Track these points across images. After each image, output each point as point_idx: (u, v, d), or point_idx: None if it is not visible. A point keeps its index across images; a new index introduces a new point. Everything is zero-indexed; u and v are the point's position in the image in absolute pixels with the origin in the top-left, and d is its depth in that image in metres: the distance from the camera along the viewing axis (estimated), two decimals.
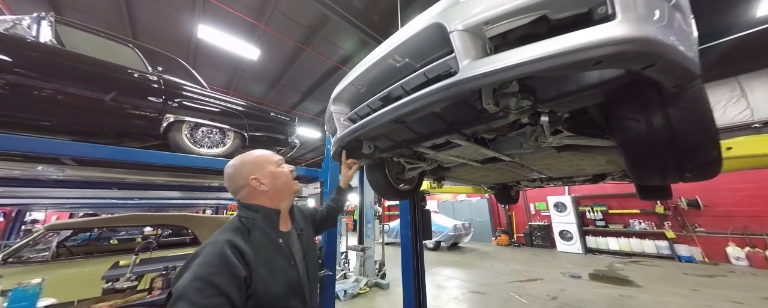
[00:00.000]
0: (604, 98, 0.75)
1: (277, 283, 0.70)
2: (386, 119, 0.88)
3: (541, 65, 0.55)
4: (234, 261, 0.64)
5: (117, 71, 1.95)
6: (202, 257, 0.64)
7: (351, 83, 1.02)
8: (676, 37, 0.54)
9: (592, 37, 0.51)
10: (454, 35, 0.66)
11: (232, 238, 0.69)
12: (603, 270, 5.48)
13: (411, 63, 0.86)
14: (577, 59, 0.52)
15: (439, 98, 0.70)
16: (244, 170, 0.82)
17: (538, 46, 0.56)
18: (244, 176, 0.81)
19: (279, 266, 0.74)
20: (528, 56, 0.56)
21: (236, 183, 0.82)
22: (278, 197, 0.85)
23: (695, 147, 0.66)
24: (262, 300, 0.66)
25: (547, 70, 0.56)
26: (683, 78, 0.58)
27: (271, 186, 0.83)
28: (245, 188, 0.82)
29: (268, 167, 0.85)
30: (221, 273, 0.61)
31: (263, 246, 0.73)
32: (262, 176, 0.82)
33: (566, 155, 1.39)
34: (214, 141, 2.43)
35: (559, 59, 0.53)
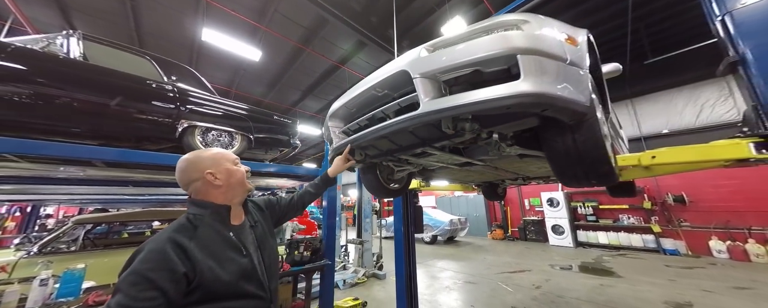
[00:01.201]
0: (538, 123, 0.99)
1: (227, 272, 0.75)
2: (372, 136, 1.12)
3: (473, 107, 0.79)
4: (172, 257, 0.67)
5: (137, 82, 2.18)
6: (143, 254, 0.67)
7: (344, 105, 1.25)
8: (566, 88, 0.77)
9: (502, 91, 0.74)
10: (416, 80, 0.89)
11: (174, 236, 0.72)
12: (590, 263, 5.77)
13: (389, 93, 1.09)
14: (495, 105, 0.75)
15: (408, 124, 0.93)
16: (200, 164, 0.85)
17: (471, 94, 0.79)
18: (199, 170, 0.84)
19: (228, 257, 0.78)
20: (465, 101, 0.80)
21: (190, 176, 0.84)
22: (231, 193, 0.88)
23: (593, 162, 0.90)
24: (212, 288, 0.72)
25: (478, 111, 0.79)
26: (573, 116, 0.81)
27: (226, 182, 0.86)
28: (198, 181, 0.84)
29: (224, 164, 0.88)
30: (157, 268, 0.65)
31: (211, 240, 0.77)
32: (218, 172, 0.85)
33: (530, 160, 1.63)
34: (224, 143, 2.67)
35: (483, 104, 0.77)
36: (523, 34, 0.78)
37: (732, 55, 1.19)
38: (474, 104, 0.77)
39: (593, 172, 0.92)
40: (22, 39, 1.92)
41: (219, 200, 0.86)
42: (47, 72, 1.84)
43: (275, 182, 4.15)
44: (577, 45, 0.87)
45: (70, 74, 1.93)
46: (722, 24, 1.23)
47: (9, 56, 1.71)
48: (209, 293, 0.72)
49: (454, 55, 0.83)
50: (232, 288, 0.76)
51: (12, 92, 1.67)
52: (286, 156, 3.60)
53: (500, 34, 0.79)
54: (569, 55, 0.81)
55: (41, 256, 2.40)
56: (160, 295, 0.63)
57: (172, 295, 0.65)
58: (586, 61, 0.87)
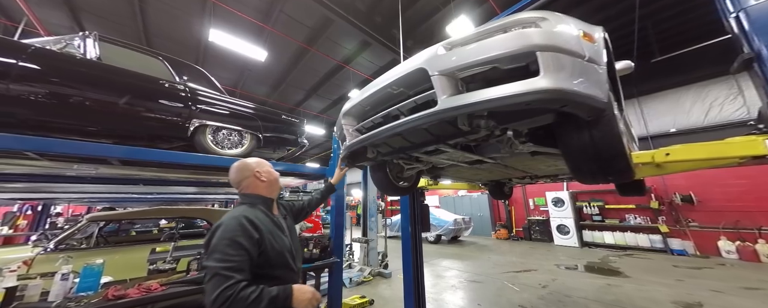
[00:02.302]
0: (553, 121, 1.00)
1: (278, 244, 1.01)
2: (387, 134, 1.14)
3: (493, 104, 0.80)
4: (248, 227, 0.93)
5: (151, 82, 2.22)
6: (225, 225, 0.92)
7: (358, 103, 1.27)
8: (584, 84, 0.78)
9: (522, 87, 0.76)
10: (434, 78, 0.91)
11: (245, 213, 0.99)
12: (596, 262, 5.73)
13: (405, 91, 1.11)
14: (514, 102, 0.77)
15: (425, 121, 0.95)
16: (249, 165, 1.16)
17: (490, 91, 0.80)
18: (249, 169, 1.14)
19: (277, 234, 1.04)
20: (484, 97, 0.81)
21: (243, 174, 1.13)
22: (271, 189, 1.17)
23: (610, 159, 0.91)
24: (269, 255, 0.97)
25: (496, 107, 0.81)
26: (592, 112, 0.82)
27: (268, 179, 1.16)
28: (248, 178, 1.12)
29: (265, 166, 1.19)
30: (241, 234, 0.90)
31: (264, 220, 1.03)
32: (263, 172, 1.16)
33: (541, 158, 1.64)
34: (233, 142, 2.71)
35: (503, 101, 0.78)
36: (541, 31, 0.79)
37: (747, 52, 1.18)
38: (494, 100, 0.78)
39: (610, 168, 0.93)
40: (41, 40, 1.97)
41: (264, 193, 1.15)
42: (65, 72, 1.88)
43: (282, 181, 4.19)
44: (594, 42, 0.88)
45: (87, 75, 1.97)
46: (737, 21, 1.23)
47: (29, 57, 1.76)
48: (268, 258, 0.96)
49: (472, 53, 0.85)
50: (281, 259, 1.01)
51: (32, 91, 1.72)
52: (293, 155, 3.64)
53: (519, 31, 0.81)
54: (587, 52, 0.82)
55: (58, 252, 2.45)
56: (245, 253, 0.88)
57: (253, 254, 0.91)
58: (603, 58, 0.88)
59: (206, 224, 3.62)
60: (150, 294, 1.55)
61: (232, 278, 0.82)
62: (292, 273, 1.05)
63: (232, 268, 0.84)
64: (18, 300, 1.43)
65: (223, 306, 0.78)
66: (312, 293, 0.96)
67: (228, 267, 0.83)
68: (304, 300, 0.92)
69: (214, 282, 0.81)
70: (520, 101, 0.76)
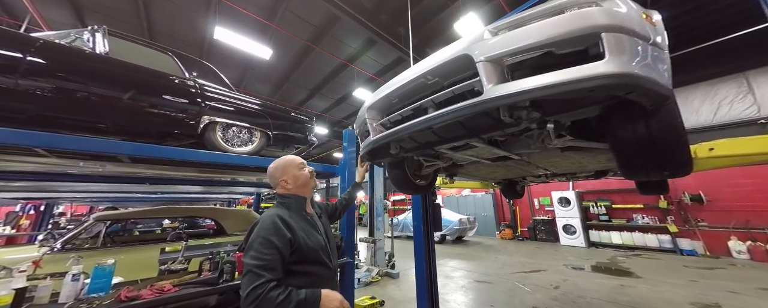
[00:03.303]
0: (599, 112, 0.93)
1: (312, 241, 1.03)
2: (420, 127, 1.07)
3: (549, 91, 0.74)
4: (281, 226, 0.96)
5: (161, 78, 2.16)
6: (261, 224, 0.97)
7: (387, 95, 1.21)
8: (651, 69, 0.72)
9: (586, 72, 0.69)
10: (479, 64, 0.84)
11: (279, 212, 1.02)
12: (605, 263, 5.66)
13: (440, 81, 1.04)
14: (575, 88, 0.70)
15: (467, 112, 0.89)
16: (276, 172, 1.18)
17: (546, 77, 0.74)
18: (276, 177, 1.17)
19: (310, 232, 1.06)
20: (538, 84, 0.75)
21: (275, 181, 1.18)
22: (303, 189, 1.18)
23: (670, 151, 0.84)
24: (303, 252, 0.98)
25: (553, 95, 0.74)
26: (657, 99, 0.76)
27: (294, 185, 1.16)
28: (279, 185, 1.16)
29: (291, 171, 1.17)
30: (274, 233, 0.93)
31: (299, 219, 1.07)
32: (288, 178, 1.16)
33: (569, 154, 1.57)
34: (243, 140, 2.65)
35: (562, 87, 0.72)
36: (605, 10, 0.73)
37: None
38: (553, 86, 0.72)
39: (669, 161, 0.86)
40: (49, 34, 1.91)
41: (296, 192, 1.16)
42: (74, 67, 1.82)
43: None
44: (654, 24, 0.81)
45: (96, 69, 1.91)
46: None
47: (37, 51, 1.70)
48: (302, 256, 0.97)
49: (524, 36, 0.79)
50: (316, 255, 1.02)
51: (40, 86, 1.66)
52: (302, 153, 3.58)
53: (580, 11, 0.74)
54: (651, 35, 0.76)
55: (65, 252, 2.39)
56: (277, 252, 0.90)
57: (284, 253, 0.92)
58: (666, 42, 0.81)
59: (210, 224, 3.57)
60: (164, 295, 1.49)
61: (263, 277, 0.84)
62: (327, 270, 1.06)
63: (264, 266, 0.86)
64: (28, 301, 1.37)
65: (254, 303, 0.82)
66: (340, 301, 0.95)
67: (260, 266, 0.86)
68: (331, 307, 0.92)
69: (247, 279, 0.85)
70: (583, 88, 0.70)
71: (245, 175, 3.25)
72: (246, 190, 5.67)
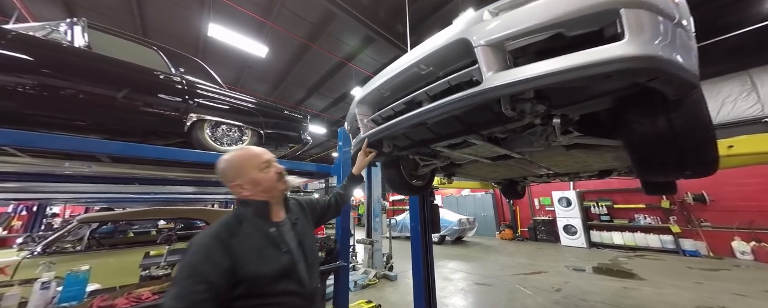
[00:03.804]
0: (612, 104, 0.83)
1: (268, 266, 0.76)
2: (412, 122, 0.97)
3: (558, 78, 0.64)
4: (216, 252, 0.71)
5: (145, 73, 2.06)
6: (194, 247, 0.73)
7: (377, 88, 1.11)
8: (677, 52, 0.62)
9: (603, 54, 0.59)
10: (478, 50, 0.74)
11: (219, 231, 0.76)
12: (607, 264, 5.56)
13: (434, 71, 0.94)
14: (590, 74, 0.60)
15: (464, 104, 0.79)
16: (228, 172, 0.86)
17: (555, 61, 0.64)
18: (229, 179, 0.86)
19: (269, 253, 0.79)
20: (546, 70, 0.65)
21: (227, 184, 0.88)
22: (267, 192, 0.88)
23: (695, 148, 0.74)
24: (253, 283, 0.73)
25: (562, 83, 0.64)
26: (683, 88, 0.66)
27: (253, 191, 0.86)
28: (233, 188, 0.86)
29: (249, 173, 0.86)
30: (204, 261, 0.69)
31: (253, 236, 0.80)
32: (244, 183, 0.85)
33: (574, 153, 1.47)
34: (233, 139, 2.54)
35: (574, 73, 0.61)
36: None
37: None
38: (564, 72, 0.62)
39: (693, 160, 0.76)
40: (23, 26, 1.81)
41: (257, 197, 0.88)
42: (50, 61, 1.72)
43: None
44: (678, 4, 0.71)
45: (74, 63, 1.81)
46: None
47: (9, 44, 1.60)
48: (252, 287, 0.74)
49: (530, 16, 0.68)
50: (273, 284, 0.77)
51: (12, 81, 1.56)
52: (296, 153, 3.48)
53: None
54: (676, 13, 0.65)
55: (45, 256, 2.29)
56: (207, 288, 0.67)
57: (219, 287, 0.69)
58: (692, 23, 0.71)
59: (204, 226, 3.47)
60: (140, 305, 1.39)
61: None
62: (295, 298, 0.81)
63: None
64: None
65: None
66: None
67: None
68: None
69: None
70: (598, 73, 0.60)
71: None
72: None
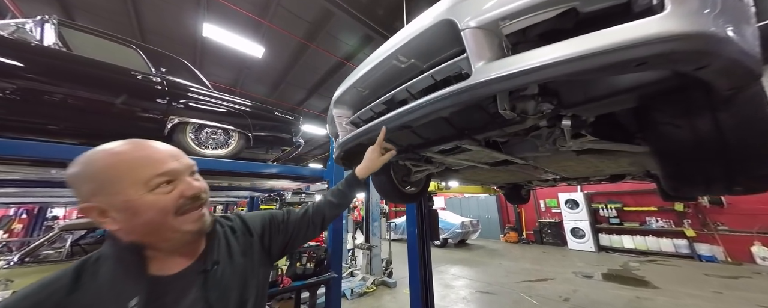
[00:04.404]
0: (639, 102, 0.66)
1: None
2: (391, 125, 0.81)
3: (572, 68, 0.47)
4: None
5: (119, 73, 1.94)
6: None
7: (352, 85, 0.95)
8: (737, 31, 0.45)
9: (635, 33, 0.42)
10: (466, 33, 0.58)
11: (48, 287, 0.46)
12: (617, 270, 5.31)
13: (417, 64, 0.78)
14: (616, 60, 0.44)
15: (449, 103, 0.63)
16: (82, 184, 0.48)
17: (567, 45, 0.48)
18: (83, 195, 0.47)
19: None
20: (555, 57, 0.48)
21: (77, 199, 0.49)
22: (148, 239, 0.51)
23: (751, 158, 0.57)
24: None
25: (578, 74, 0.48)
26: (743, 79, 0.49)
27: (128, 226, 0.48)
28: (87, 214, 0.48)
29: (124, 191, 0.46)
30: None
31: (105, 300, 0.47)
32: (111, 207, 0.47)
33: (586, 158, 1.29)
34: (219, 142, 2.42)
35: (594, 61, 0.45)
36: None
37: None
38: (580, 59, 0.45)
39: (748, 172, 0.59)
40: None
41: (130, 237, 0.50)
42: (14, 61, 1.61)
43: (279, 184, 3.90)
44: None
45: (42, 64, 1.69)
46: None
47: None
48: None
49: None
50: None
51: None
52: (289, 156, 3.35)
53: None
54: None
55: (24, 266, 2.18)
56: None
57: None
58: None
59: None
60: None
61: None
62: None
63: None
64: None
65: None
66: None
67: None
68: None
69: None
70: (628, 59, 0.43)
71: (228, 180, 3.03)
72: (238, 194, 5.49)
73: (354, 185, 0.92)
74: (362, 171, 0.93)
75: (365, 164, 0.93)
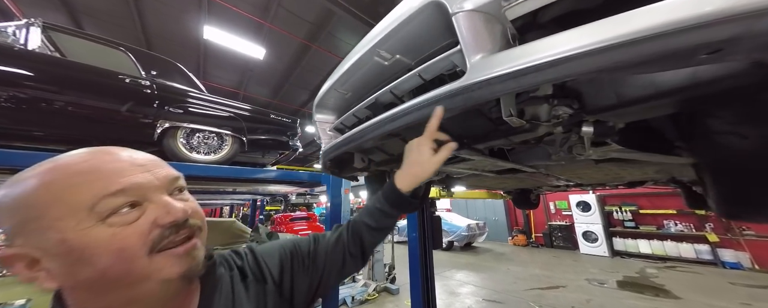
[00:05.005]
0: (671, 110, 0.51)
1: None
2: (375, 134, 0.68)
3: (603, 61, 0.33)
4: None
5: (105, 76, 1.87)
6: None
7: (331, 87, 0.83)
8: None
9: (702, 7, 0.28)
10: (458, 18, 0.45)
11: None
12: (634, 277, 5.03)
13: (403, 60, 0.65)
14: (676, 48, 0.30)
15: (432, 111, 0.49)
16: (3, 220, 0.31)
17: (596, 30, 0.34)
18: (5, 236, 0.32)
19: None
20: (580, 47, 0.34)
21: None
22: (107, 300, 0.33)
23: None
24: None
25: (611, 69, 0.34)
26: None
27: (71, 281, 0.32)
28: (5, 263, 0.31)
29: (61, 222, 0.30)
30: None
31: None
32: (43, 253, 0.30)
33: (606, 166, 1.13)
34: (212, 147, 2.34)
35: (641, 50, 0.31)
36: None
37: None
38: (616, 48, 0.31)
39: None
40: None
41: (78, 298, 0.33)
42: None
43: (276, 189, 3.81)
44: None
45: (26, 68, 1.63)
46: None
47: None
48: None
49: None
50: None
51: None
52: (287, 159, 3.26)
53: None
54: None
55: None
56: None
57: None
58: None
59: None
60: None
61: None
62: None
63: None
64: None
65: None
66: None
67: None
68: None
69: None
70: (697, 44, 0.29)
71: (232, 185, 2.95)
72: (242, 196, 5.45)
73: (397, 204, 0.60)
74: (407, 182, 0.60)
75: (409, 169, 0.60)
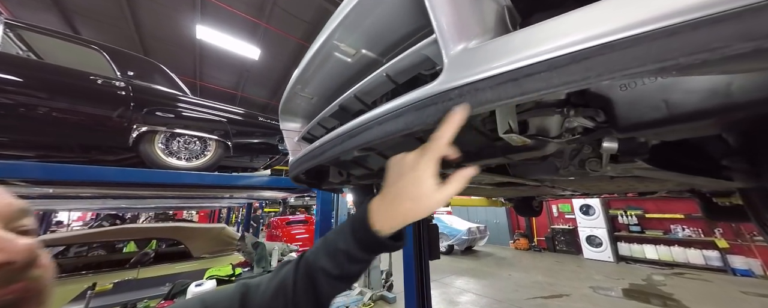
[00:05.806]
0: (713, 132, 0.36)
1: None
2: (336, 151, 0.54)
3: (691, 49, 0.19)
4: None
5: (75, 77, 1.74)
6: None
7: (293, 90, 0.68)
8: None
9: None
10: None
11: None
12: (640, 285, 4.85)
13: (370, 55, 0.51)
14: None
15: (403, 126, 0.35)
16: None
17: (641, 5, 0.19)
18: None
19: None
20: (635, 24, 0.20)
21: None
22: None
23: None
24: None
25: (706, 65, 0.19)
26: None
27: None
28: None
29: None
30: None
31: None
32: None
33: (622, 181, 0.98)
34: (194, 152, 2.20)
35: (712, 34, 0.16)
36: None
37: None
38: (696, 28, 0.16)
39: None
40: None
41: None
42: None
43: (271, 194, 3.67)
44: None
45: None
46: None
47: None
48: None
49: None
50: None
51: None
52: (278, 164, 3.12)
53: None
54: None
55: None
56: None
57: None
58: None
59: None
60: None
61: None
62: None
63: None
64: None
65: None
66: None
67: None
68: None
69: None
70: None
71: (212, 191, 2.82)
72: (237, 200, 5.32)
73: (371, 248, 0.39)
74: (389, 221, 0.38)
75: (397, 205, 0.37)
